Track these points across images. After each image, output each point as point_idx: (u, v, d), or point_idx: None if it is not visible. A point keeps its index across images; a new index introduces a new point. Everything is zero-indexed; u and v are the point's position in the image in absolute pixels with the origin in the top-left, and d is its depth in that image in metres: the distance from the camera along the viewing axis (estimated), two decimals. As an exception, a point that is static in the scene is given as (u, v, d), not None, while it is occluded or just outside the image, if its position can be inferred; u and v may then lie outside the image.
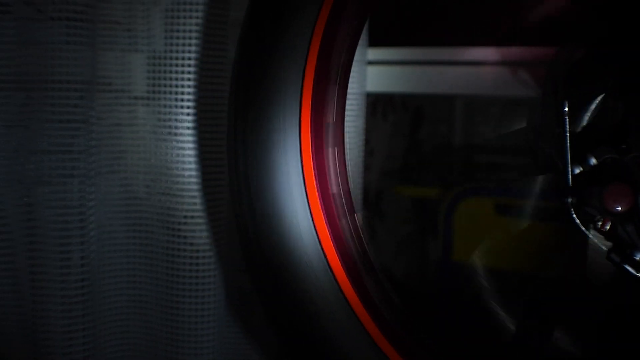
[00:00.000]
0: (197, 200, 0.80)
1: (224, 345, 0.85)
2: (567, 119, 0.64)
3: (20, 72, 0.72)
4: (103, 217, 0.81)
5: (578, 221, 0.64)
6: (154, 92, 0.81)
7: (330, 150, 0.66)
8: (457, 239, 1.00)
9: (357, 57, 0.91)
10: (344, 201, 0.67)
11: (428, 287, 1.05)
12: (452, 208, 1.00)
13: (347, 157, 0.70)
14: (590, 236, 0.65)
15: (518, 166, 1.00)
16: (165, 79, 0.80)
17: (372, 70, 0.99)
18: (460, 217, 0.99)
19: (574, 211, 0.64)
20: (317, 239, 0.62)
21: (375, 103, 1.08)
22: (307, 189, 0.63)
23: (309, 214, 0.62)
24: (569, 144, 0.64)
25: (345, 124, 0.91)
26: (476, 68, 0.97)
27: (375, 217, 1.08)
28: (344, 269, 0.63)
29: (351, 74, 0.90)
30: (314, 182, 0.63)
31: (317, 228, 0.62)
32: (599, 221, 0.63)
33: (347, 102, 0.91)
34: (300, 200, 0.62)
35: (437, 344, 0.66)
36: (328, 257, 0.62)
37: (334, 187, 0.66)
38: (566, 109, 0.65)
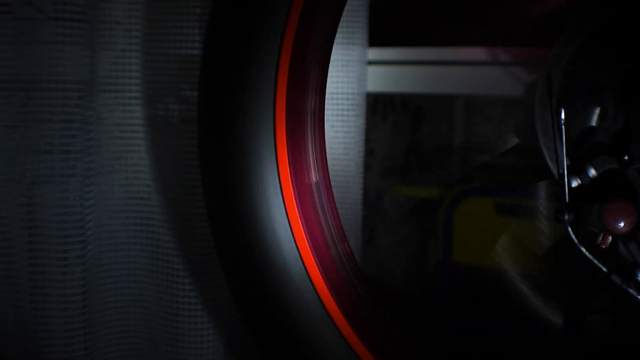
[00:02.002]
0: (199, 199, 0.80)
1: (225, 345, 0.85)
2: (564, 128, 0.60)
3: (20, 72, 0.72)
4: (103, 217, 0.81)
5: (576, 240, 0.61)
6: (154, 92, 0.81)
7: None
8: (457, 239, 0.99)
9: (357, 57, 0.91)
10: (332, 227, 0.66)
11: (427, 288, 1.05)
12: (452, 208, 0.99)
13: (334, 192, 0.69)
14: (589, 256, 0.61)
15: (518, 166, 0.99)
16: (165, 77, 0.80)
17: (372, 70, 0.99)
18: (460, 217, 0.99)
19: (572, 229, 0.61)
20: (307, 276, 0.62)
21: (375, 103, 1.07)
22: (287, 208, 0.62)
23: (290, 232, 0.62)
24: (565, 155, 0.60)
25: (346, 123, 0.91)
26: (476, 68, 0.97)
27: (375, 217, 1.08)
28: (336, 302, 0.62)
29: (351, 74, 0.91)
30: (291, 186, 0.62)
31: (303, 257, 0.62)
32: (598, 237, 0.60)
33: (347, 102, 0.91)
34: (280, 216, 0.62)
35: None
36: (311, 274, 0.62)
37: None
38: (563, 116, 0.61)
